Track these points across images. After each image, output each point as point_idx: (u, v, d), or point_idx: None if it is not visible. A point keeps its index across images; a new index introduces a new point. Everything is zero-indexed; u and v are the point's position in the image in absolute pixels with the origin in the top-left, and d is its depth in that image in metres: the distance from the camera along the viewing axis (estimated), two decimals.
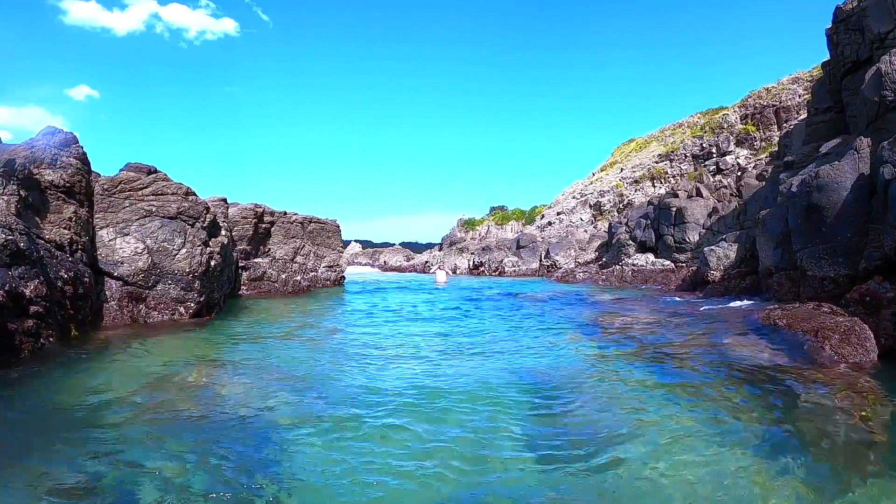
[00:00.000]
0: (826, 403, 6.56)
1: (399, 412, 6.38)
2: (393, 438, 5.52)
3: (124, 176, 14.58)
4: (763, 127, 38.92)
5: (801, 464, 4.81)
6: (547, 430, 5.81)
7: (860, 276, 11.43)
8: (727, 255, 19.69)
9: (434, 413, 6.36)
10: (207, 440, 5.39)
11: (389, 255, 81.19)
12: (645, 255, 30.21)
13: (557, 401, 6.89)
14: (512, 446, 5.35)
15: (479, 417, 6.23)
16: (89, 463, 4.76)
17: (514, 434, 5.68)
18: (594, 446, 5.28)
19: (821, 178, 12.80)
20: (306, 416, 6.23)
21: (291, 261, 27.22)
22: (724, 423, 5.89)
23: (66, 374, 8.08)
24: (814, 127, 18.27)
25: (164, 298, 14.11)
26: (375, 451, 5.21)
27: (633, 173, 49.29)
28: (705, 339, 10.83)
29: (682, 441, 5.33)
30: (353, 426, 5.88)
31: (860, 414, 6.24)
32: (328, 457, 5.04)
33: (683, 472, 4.59)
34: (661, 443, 5.31)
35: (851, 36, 15.84)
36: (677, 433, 5.56)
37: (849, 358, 8.28)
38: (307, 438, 5.52)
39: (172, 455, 5.00)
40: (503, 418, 6.18)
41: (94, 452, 5.00)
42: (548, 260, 42.97)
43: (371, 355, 10.02)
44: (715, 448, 5.12)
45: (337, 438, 5.52)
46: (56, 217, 11.87)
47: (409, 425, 5.89)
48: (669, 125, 54.96)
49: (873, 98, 13.29)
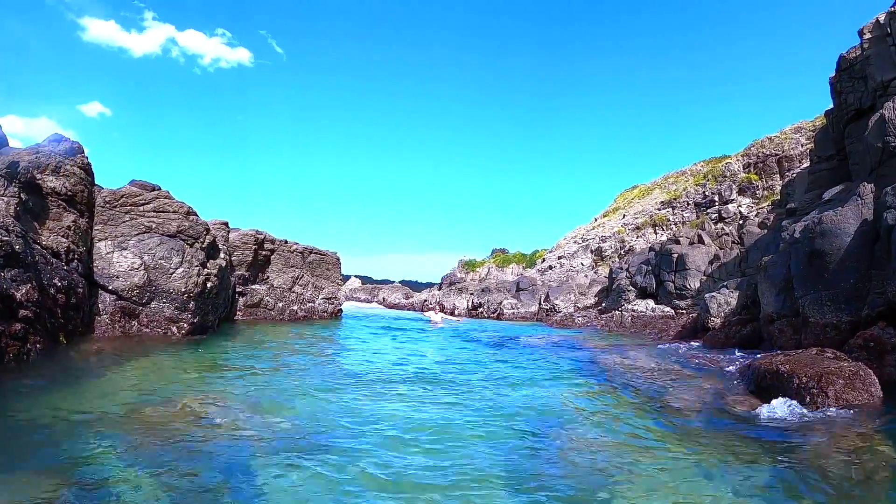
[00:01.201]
0: (830, 444, 6.34)
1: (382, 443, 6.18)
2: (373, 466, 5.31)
3: (127, 190, 14.59)
4: (765, 176, 39.19)
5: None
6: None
7: (863, 322, 11.26)
8: (728, 301, 19.50)
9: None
10: (173, 461, 5.19)
11: (388, 292, 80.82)
12: (645, 301, 29.98)
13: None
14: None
15: (458, 451, 6.03)
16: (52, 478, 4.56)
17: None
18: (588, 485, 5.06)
19: (824, 224, 12.76)
20: (283, 444, 6.02)
21: (289, 290, 27.03)
22: (719, 465, 5.67)
23: (47, 383, 7.87)
24: (816, 175, 18.35)
25: (158, 316, 13.93)
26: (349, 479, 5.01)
27: (635, 220, 49.45)
28: (703, 387, 10.60)
29: (675, 482, 5.11)
30: (328, 455, 5.67)
31: (865, 456, 6.03)
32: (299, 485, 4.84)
33: None
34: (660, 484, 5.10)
35: (855, 84, 16.05)
36: (673, 474, 5.35)
37: (853, 402, 8.05)
38: (279, 467, 5.31)
39: (137, 475, 4.80)
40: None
41: (59, 466, 4.81)
42: (547, 303, 42.69)
43: (358, 384, 9.81)
44: (713, 487, 4.91)
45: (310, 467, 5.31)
46: (55, 224, 11.81)
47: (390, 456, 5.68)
48: (672, 173, 55.46)
49: (877, 144, 13.37)
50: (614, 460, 6.21)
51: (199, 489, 4.54)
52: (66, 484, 4.47)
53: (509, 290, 48.74)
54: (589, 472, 5.54)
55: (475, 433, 6.73)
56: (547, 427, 7.17)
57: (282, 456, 5.58)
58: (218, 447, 5.62)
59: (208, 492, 4.50)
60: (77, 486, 4.47)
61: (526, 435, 6.95)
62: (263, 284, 25.68)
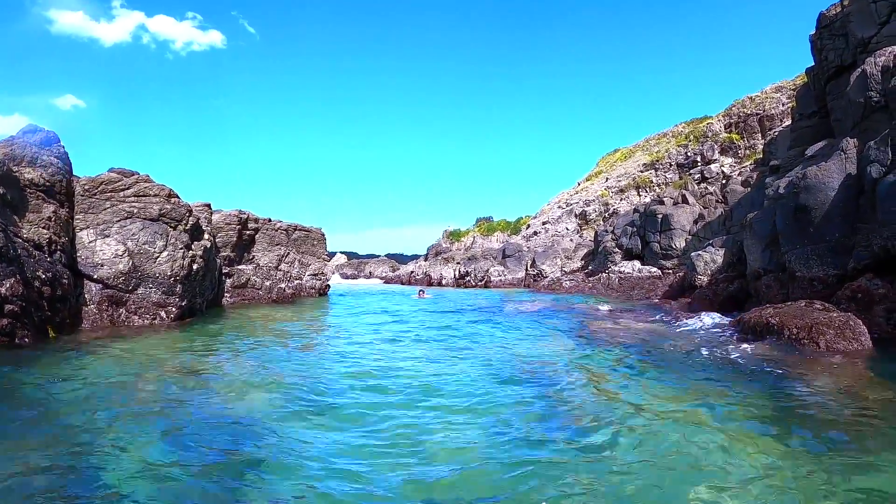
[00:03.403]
0: (826, 385, 6.51)
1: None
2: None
3: (106, 176, 14.25)
4: (747, 135, 39.33)
5: (802, 437, 4.72)
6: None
7: (849, 275, 11.44)
8: (714, 259, 19.71)
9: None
10: (172, 431, 5.16)
11: (375, 266, 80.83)
12: (631, 263, 30.25)
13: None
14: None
15: (441, 408, 6.07)
16: (54, 453, 4.50)
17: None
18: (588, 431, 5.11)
19: (808, 179, 12.85)
20: (284, 410, 5.99)
21: (276, 268, 26.84)
22: (721, 406, 5.76)
23: (39, 367, 7.76)
24: (799, 132, 18.42)
25: (145, 302, 13.76)
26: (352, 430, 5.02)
27: (618, 182, 49.56)
28: (696, 341, 10.75)
29: (675, 424, 5.17)
30: (327, 417, 5.69)
31: (861, 393, 6.21)
32: (298, 444, 4.83)
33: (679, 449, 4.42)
34: (662, 426, 5.16)
35: (835, 41, 16.03)
36: (674, 414, 5.42)
37: (844, 351, 8.23)
38: (281, 429, 5.30)
39: (137, 444, 4.77)
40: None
41: (59, 439, 4.76)
42: (534, 269, 42.92)
43: (347, 353, 9.79)
44: (717, 425, 4.98)
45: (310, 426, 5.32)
46: (35, 216, 11.53)
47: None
48: (654, 135, 55.45)
49: (858, 99, 13.41)
50: (617, 395, 6.50)
51: (198, 453, 4.54)
52: (58, 455, 4.46)
53: (495, 257, 48.92)
54: (595, 405, 5.61)
55: (468, 384, 6.75)
56: (545, 376, 7.21)
57: (286, 413, 5.60)
58: (220, 418, 5.57)
59: (208, 456, 4.48)
60: (69, 456, 4.44)
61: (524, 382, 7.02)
62: (249, 264, 25.47)
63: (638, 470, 4.24)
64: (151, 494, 3.83)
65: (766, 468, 4.17)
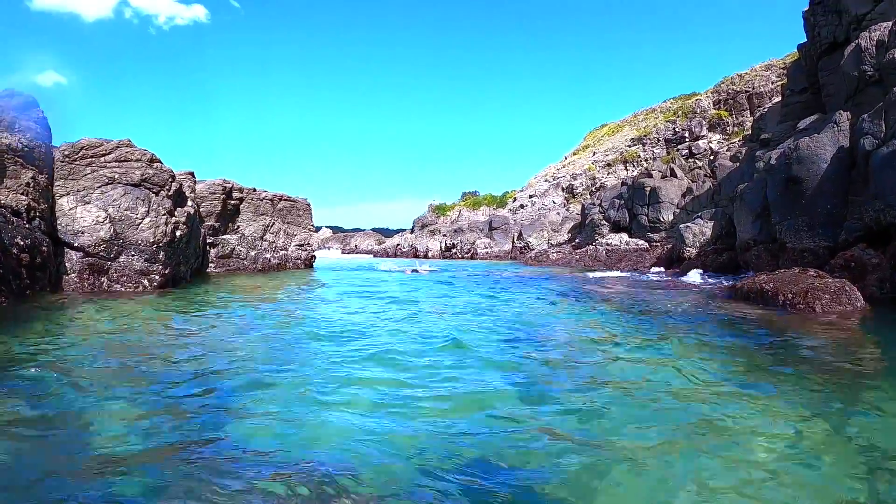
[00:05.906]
0: (822, 338, 6.58)
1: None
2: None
3: (86, 142, 13.77)
4: (736, 112, 39.27)
5: (799, 390, 4.72)
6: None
7: (840, 247, 11.46)
8: (703, 231, 19.74)
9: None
10: (153, 388, 4.98)
11: (360, 239, 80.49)
12: (619, 235, 30.29)
13: None
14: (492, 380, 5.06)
15: (441, 365, 5.97)
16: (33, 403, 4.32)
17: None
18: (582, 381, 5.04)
19: (800, 151, 12.79)
20: (269, 372, 5.83)
21: (261, 238, 26.48)
22: (722, 357, 5.73)
23: (18, 324, 7.51)
24: (789, 108, 18.36)
25: (128, 270, 13.44)
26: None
27: (605, 157, 49.45)
28: (691, 302, 10.72)
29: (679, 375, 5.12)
30: (312, 382, 5.55)
31: (858, 346, 6.27)
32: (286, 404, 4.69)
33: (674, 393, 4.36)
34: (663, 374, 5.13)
35: (829, 18, 15.87)
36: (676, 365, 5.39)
37: (841, 314, 8.28)
38: (266, 390, 5.14)
39: (120, 401, 4.60)
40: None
41: (40, 394, 4.59)
42: (520, 242, 42.91)
43: (334, 320, 9.62)
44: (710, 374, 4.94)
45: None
46: (13, 182, 11.11)
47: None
48: (642, 110, 55.24)
49: (853, 73, 13.32)
50: (613, 351, 6.62)
51: (179, 411, 4.38)
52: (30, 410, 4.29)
53: (482, 229, 48.84)
54: (585, 353, 5.57)
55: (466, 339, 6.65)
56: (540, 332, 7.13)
57: (270, 369, 5.45)
58: (192, 377, 5.40)
59: (189, 413, 4.32)
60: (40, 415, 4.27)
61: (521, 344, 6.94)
62: (234, 234, 25.08)
63: (644, 418, 4.19)
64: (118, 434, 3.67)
65: (773, 415, 4.12)
